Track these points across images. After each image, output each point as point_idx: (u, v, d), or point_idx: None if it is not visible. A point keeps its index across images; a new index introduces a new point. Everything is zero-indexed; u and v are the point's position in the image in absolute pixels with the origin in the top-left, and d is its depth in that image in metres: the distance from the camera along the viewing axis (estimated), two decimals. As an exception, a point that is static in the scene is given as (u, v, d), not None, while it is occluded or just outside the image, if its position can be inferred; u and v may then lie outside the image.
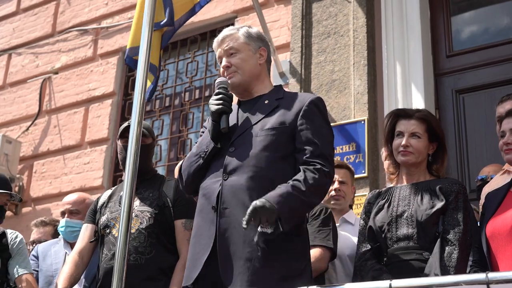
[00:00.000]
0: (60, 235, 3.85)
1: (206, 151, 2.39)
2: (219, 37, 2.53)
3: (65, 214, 3.70)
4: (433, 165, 2.66)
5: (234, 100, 2.52)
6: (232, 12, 5.47)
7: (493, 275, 1.72)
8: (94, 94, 6.00)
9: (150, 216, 2.90)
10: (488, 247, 2.37)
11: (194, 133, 5.49)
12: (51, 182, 5.90)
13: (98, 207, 3.11)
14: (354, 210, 3.60)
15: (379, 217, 2.58)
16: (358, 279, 2.53)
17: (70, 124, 6.04)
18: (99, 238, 3.02)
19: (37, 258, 3.78)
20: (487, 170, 3.45)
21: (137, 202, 2.93)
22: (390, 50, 4.54)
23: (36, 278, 3.64)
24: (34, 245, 4.15)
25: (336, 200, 3.28)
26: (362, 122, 4.25)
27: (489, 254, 2.36)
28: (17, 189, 5.98)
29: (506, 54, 4.29)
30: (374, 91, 4.41)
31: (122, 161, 3.07)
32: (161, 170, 5.43)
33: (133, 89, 3.36)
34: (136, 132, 2.65)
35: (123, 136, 3.08)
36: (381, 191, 2.73)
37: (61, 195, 5.37)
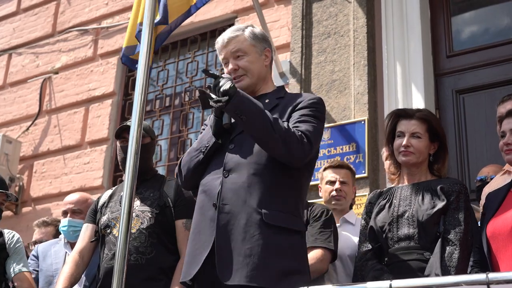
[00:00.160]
0: (60, 235, 3.85)
1: (207, 146, 2.38)
2: (224, 38, 2.49)
3: (67, 214, 3.68)
4: (434, 165, 2.66)
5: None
6: (232, 12, 5.47)
7: (493, 276, 1.71)
8: (94, 94, 6.00)
9: (151, 216, 2.90)
10: (488, 248, 2.37)
11: (194, 133, 5.48)
12: (51, 182, 5.89)
13: (99, 207, 3.10)
14: (355, 210, 3.59)
15: (380, 217, 2.58)
16: (359, 279, 2.53)
17: (70, 124, 6.04)
18: (100, 238, 3.02)
19: (37, 258, 3.77)
20: (487, 171, 3.45)
21: (137, 202, 2.93)
22: (390, 50, 4.53)
23: (36, 278, 3.64)
24: (36, 245, 4.15)
25: (337, 200, 3.28)
26: (362, 122, 4.25)
27: (489, 254, 2.36)
28: (17, 189, 5.99)
29: (506, 54, 4.29)
30: (374, 91, 4.41)
31: (121, 161, 3.07)
32: (161, 170, 5.43)
33: (133, 89, 3.37)
34: (136, 132, 2.66)
35: (120, 137, 3.09)
36: (382, 191, 2.73)
37: (61, 195, 5.38)
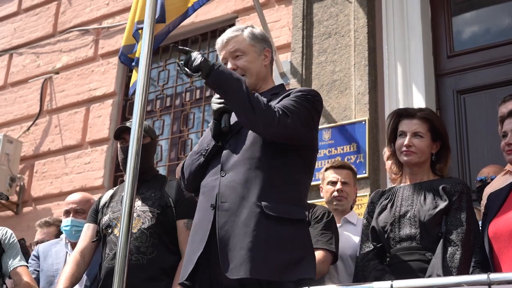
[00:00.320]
0: (61, 235, 3.84)
1: (207, 149, 2.40)
2: (223, 38, 2.51)
3: (69, 213, 3.65)
4: (436, 164, 2.65)
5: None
6: (233, 12, 5.47)
7: (495, 276, 1.71)
8: (95, 94, 6.00)
9: (152, 216, 2.90)
10: (490, 248, 2.36)
11: (194, 133, 5.49)
12: (52, 182, 5.90)
13: (100, 207, 3.10)
14: (355, 211, 3.59)
15: (382, 217, 2.57)
16: (361, 279, 2.53)
17: (71, 124, 6.04)
18: (101, 237, 3.02)
19: (38, 258, 3.76)
20: (487, 171, 3.44)
21: (139, 202, 2.93)
22: (391, 50, 4.53)
23: (37, 278, 3.64)
24: (38, 245, 4.15)
25: (338, 201, 3.28)
26: (363, 122, 4.25)
27: (491, 255, 2.35)
28: (18, 188, 5.99)
29: (507, 55, 4.29)
30: (375, 92, 4.41)
31: (122, 162, 3.08)
32: (162, 170, 5.43)
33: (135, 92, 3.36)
34: (137, 132, 2.65)
35: (119, 137, 3.10)
36: (384, 191, 2.72)
37: (62, 195, 5.38)
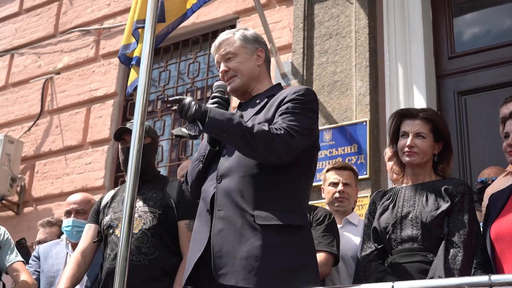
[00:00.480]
0: (62, 235, 3.84)
1: (204, 155, 2.41)
2: (216, 42, 2.55)
3: (70, 214, 3.64)
4: (438, 165, 2.64)
5: (235, 102, 2.53)
6: (234, 13, 5.47)
7: (496, 278, 1.71)
8: (96, 95, 6.00)
9: (153, 216, 2.90)
10: (492, 249, 2.34)
11: (195, 133, 5.48)
12: (53, 182, 5.90)
13: (101, 207, 3.10)
14: (356, 212, 3.59)
15: (384, 217, 2.57)
16: (362, 280, 2.53)
17: (72, 124, 6.04)
18: (103, 238, 3.02)
19: (38, 258, 3.76)
20: (488, 173, 3.44)
21: (140, 203, 2.93)
22: (392, 51, 4.53)
23: (37, 279, 3.64)
24: (39, 246, 4.15)
25: (340, 202, 3.28)
26: (364, 123, 4.25)
27: (493, 256, 2.34)
28: (18, 189, 5.99)
29: (508, 56, 4.28)
30: (376, 93, 4.41)
31: (123, 163, 3.08)
32: (162, 171, 5.43)
33: (135, 89, 3.37)
34: (138, 132, 2.66)
35: (119, 138, 3.10)
36: (386, 191, 2.72)
37: (62, 195, 5.38)
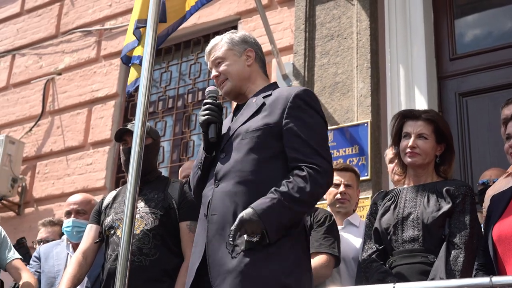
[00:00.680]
0: (63, 236, 3.84)
1: (201, 162, 2.43)
2: (207, 49, 2.57)
3: (70, 214, 3.63)
4: (440, 166, 2.64)
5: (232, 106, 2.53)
6: (235, 14, 5.47)
7: (497, 279, 1.71)
8: (97, 95, 6.00)
9: (155, 217, 2.89)
10: (494, 251, 2.34)
11: (197, 134, 5.49)
12: (54, 183, 5.90)
13: (103, 208, 3.10)
14: (358, 213, 3.59)
15: (385, 218, 2.57)
16: (363, 281, 2.53)
17: (73, 125, 6.04)
18: (104, 238, 3.02)
19: (39, 259, 3.76)
20: (489, 174, 3.44)
21: (141, 204, 2.93)
22: (393, 52, 4.54)
23: (38, 280, 3.64)
24: (42, 244, 4.15)
25: (341, 203, 3.28)
26: (365, 124, 4.25)
27: (495, 258, 2.34)
28: (19, 189, 5.99)
29: (510, 58, 4.28)
30: (377, 94, 4.41)
31: (124, 163, 3.08)
32: (164, 172, 5.42)
33: (136, 90, 3.37)
34: (139, 133, 2.67)
35: (121, 139, 3.10)
36: (387, 192, 2.72)
37: (63, 196, 5.38)
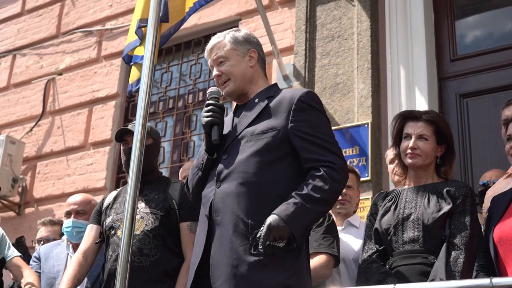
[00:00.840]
0: (63, 236, 3.84)
1: (202, 163, 2.42)
2: (208, 46, 2.53)
3: (70, 215, 3.63)
4: (441, 167, 2.64)
5: (232, 106, 2.53)
6: (236, 14, 5.47)
7: (497, 280, 1.71)
8: (97, 96, 6.00)
9: (155, 218, 2.89)
10: (495, 252, 2.34)
11: (197, 135, 5.49)
12: (54, 183, 5.90)
13: (103, 208, 3.10)
14: (358, 214, 3.59)
15: (385, 219, 2.57)
16: (363, 281, 2.53)
17: (73, 125, 6.04)
18: (104, 239, 3.02)
19: (39, 259, 3.76)
20: (489, 175, 3.44)
21: (142, 204, 2.93)
22: (394, 53, 4.53)
23: (38, 280, 3.64)
24: (42, 243, 4.14)
25: (342, 204, 3.28)
26: (366, 125, 4.25)
27: (496, 259, 2.34)
28: (20, 189, 5.99)
29: (510, 59, 4.28)
30: (377, 95, 4.41)
31: (125, 164, 3.08)
32: (164, 172, 5.42)
33: (137, 90, 3.37)
34: (140, 134, 2.67)
35: (121, 140, 3.10)
36: (388, 192, 2.72)
37: (64, 196, 5.38)
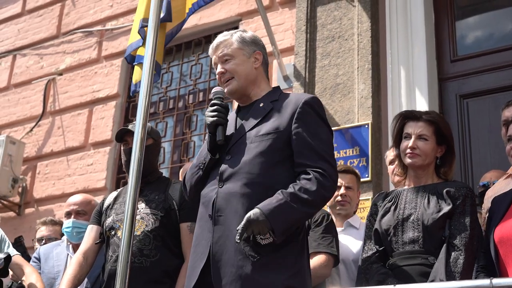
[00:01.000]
0: (63, 237, 3.84)
1: (204, 163, 2.41)
2: (214, 43, 2.53)
3: (70, 215, 3.62)
4: (441, 168, 2.65)
5: (233, 106, 2.53)
6: (236, 15, 5.47)
7: (497, 281, 1.71)
8: (98, 96, 6.00)
9: (155, 218, 2.89)
10: (496, 253, 2.34)
11: (197, 135, 5.49)
12: (55, 183, 5.90)
13: (104, 209, 3.10)
14: (358, 215, 3.59)
15: (385, 220, 2.57)
16: (363, 282, 2.53)
17: (74, 125, 6.04)
18: (105, 239, 3.02)
19: (39, 260, 3.75)
20: (489, 176, 3.44)
21: (142, 205, 2.93)
22: (394, 54, 4.53)
23: (38, 279, 3.64)
24: (44, 242, 4.14)
25: (341, 205, 3.28)
26: (366, 126, 4.25)
27: (497, 259, 2.34)
28: (20, 190, 5.99)
29: (511, 60, 4.28)
30: (378, 95, 4.41)
31: (125, 164, 3.08)
32: (164, 172, 5.42)
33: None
34: (140, 134, 2.67)
35: (122, 140, 3.10)
36: (388, 193, 2.72)
37: (64, 196, 5.38)
